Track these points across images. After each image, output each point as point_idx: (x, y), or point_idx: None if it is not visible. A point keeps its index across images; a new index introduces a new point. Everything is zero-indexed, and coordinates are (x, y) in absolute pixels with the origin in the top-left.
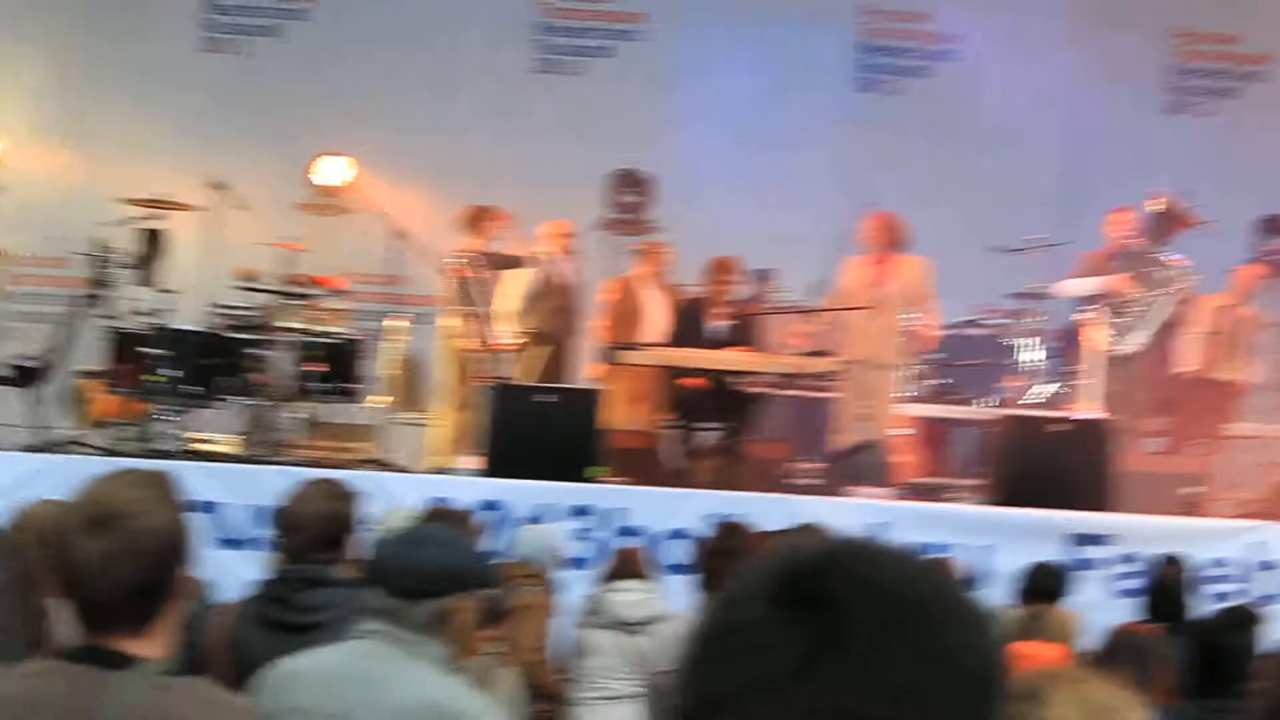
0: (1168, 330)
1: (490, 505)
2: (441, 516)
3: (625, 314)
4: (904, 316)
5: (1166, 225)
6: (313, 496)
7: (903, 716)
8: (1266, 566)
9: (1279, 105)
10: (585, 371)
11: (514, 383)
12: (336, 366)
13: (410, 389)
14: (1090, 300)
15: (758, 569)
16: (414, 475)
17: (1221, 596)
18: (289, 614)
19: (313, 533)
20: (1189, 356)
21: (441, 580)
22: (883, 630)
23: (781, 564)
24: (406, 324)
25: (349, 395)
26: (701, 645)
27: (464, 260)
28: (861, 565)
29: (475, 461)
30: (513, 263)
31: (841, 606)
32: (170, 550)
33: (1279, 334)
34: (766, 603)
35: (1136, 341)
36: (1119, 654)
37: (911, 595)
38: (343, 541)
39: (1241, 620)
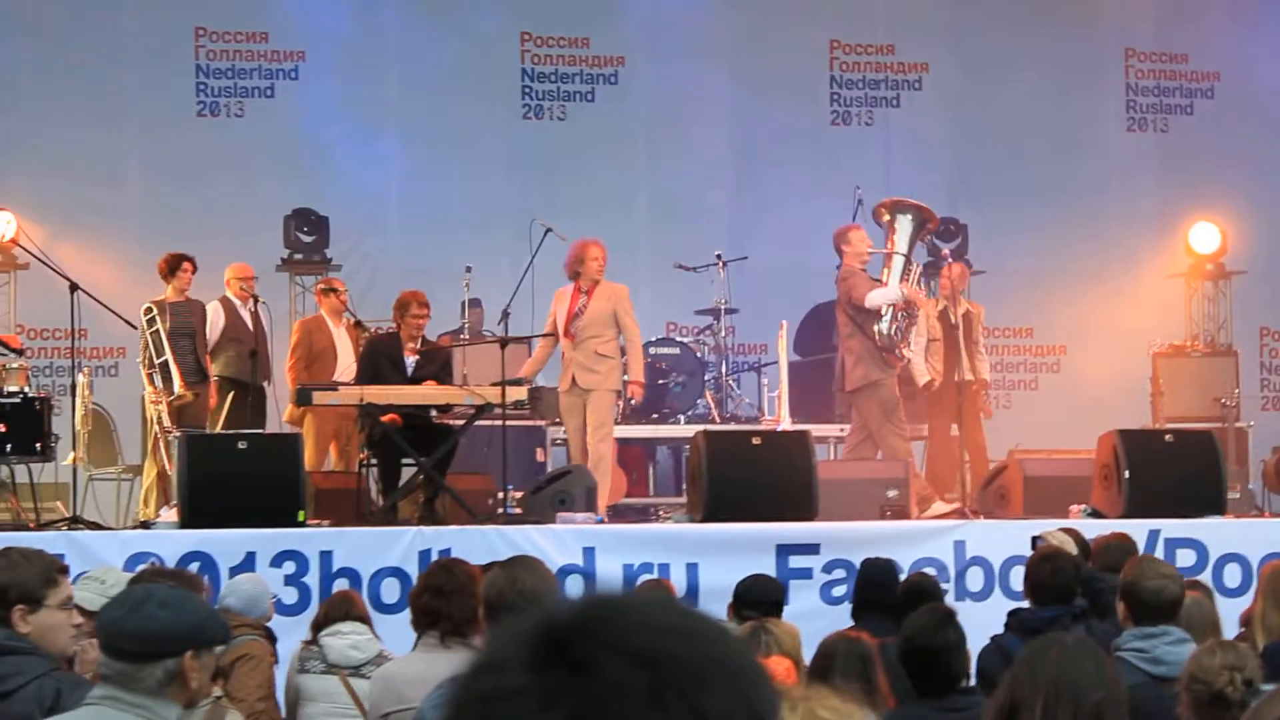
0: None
1: (195, 557)
2: (162, 576)
3: (314, 354)
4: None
5: (919, 229)
6: None
7: None
8: (971, 564)
9: (935, 113)
10: (281, 415)
11: (206, 431)
12: (21, 425)
13: (102, 444)
14: (894, 309)
15: (515, 631)
16: (112, 532)
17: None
18: None
19: None
20: (922, 365)
21: (172, 640)
22: (646, 699)
23: (539, 626)
24: (87, 378)
25: (37, 454)
26: (463, 709)
27: (151, 311)
28: (620, 627)
29: (175, 514)
30: (197, 310)
31: (603, 673)
32: None
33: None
34: (526, 669)
35: (914, 348)
36: (838, 663)
37: (674, 659)
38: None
39: (941, 619)
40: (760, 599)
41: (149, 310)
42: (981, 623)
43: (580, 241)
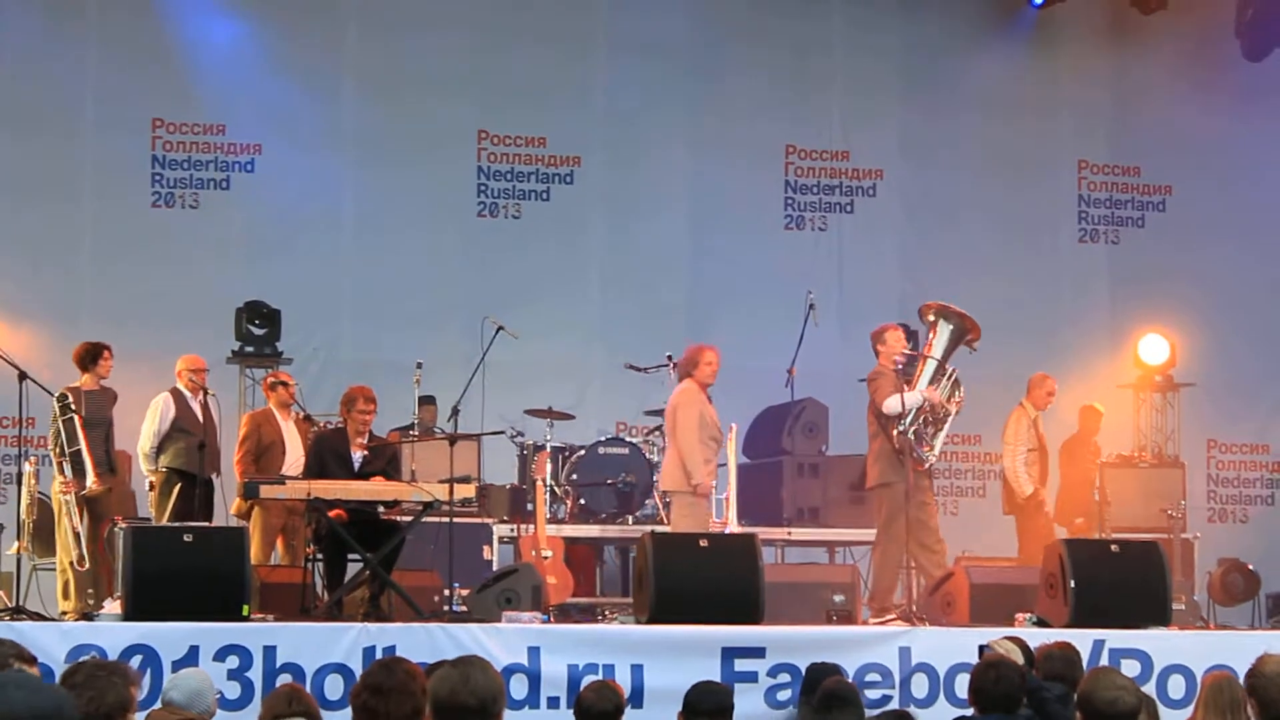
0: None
1: (137, 649)
2: (99, 668)
3: (263, 448)
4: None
5: (958, 336)
6: None
7: None
8: (916, 670)
9: (888, 219)
10: (228, 508)
11: (151, 524)
12: None
13: (47, 534)
14: (920, 412)
15: None
16: (55, 623)
17: (877, 702)
18: None
19: None
20: (1024, 475)
21: None
22: None
23: None
24: (33, 468)
25: None
26: None
27: (66, 398)
28: None
29: (118, 606)
30: (110, 399)
31: None
32: None
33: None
34: None
35: (938, 451)
36: None
37: None
38: None
39: None
40: (711, 708)
41: (63, 397)
42: None
43: (705, 346)
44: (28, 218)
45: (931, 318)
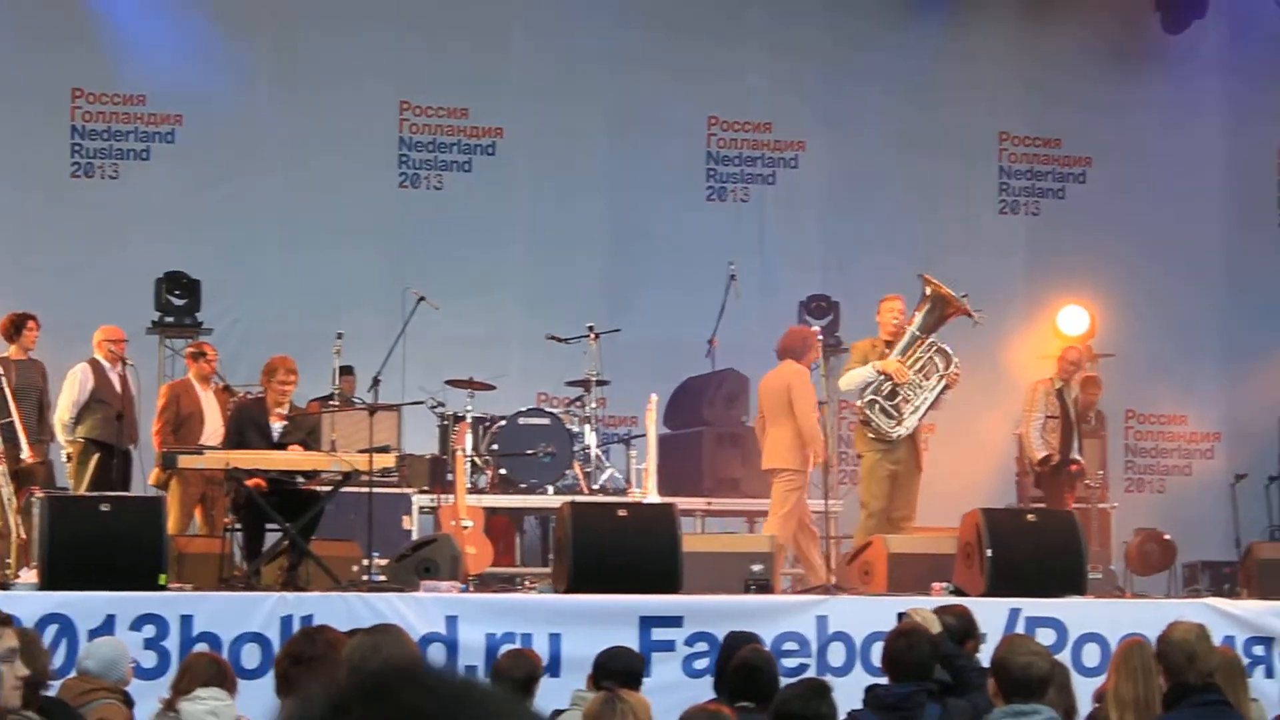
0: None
1: (54, 619)
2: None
3: (182, 418)
4: None
5: (937, 311)
6: None
7: None
8: (833, 639)
9: (810, 191)
10: (146, 478)
11: (68, 493)
12: None
13: None
14: (868, 387)
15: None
16: None
17: (793, 671)
18: None
19: None
20: (1039, 441)
21: None
22: None
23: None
24: None
25: None
26: None
27: None
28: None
29: (35, 574)
30: (40, 370)
31: None
32: None
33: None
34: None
35: (911, 425)
36: None
37: None
38: None
39: (817, 690)
40: (620, 670)
41: None
42: (842, 699)
43: (812, 330)
44: None
45: (928, 291)
